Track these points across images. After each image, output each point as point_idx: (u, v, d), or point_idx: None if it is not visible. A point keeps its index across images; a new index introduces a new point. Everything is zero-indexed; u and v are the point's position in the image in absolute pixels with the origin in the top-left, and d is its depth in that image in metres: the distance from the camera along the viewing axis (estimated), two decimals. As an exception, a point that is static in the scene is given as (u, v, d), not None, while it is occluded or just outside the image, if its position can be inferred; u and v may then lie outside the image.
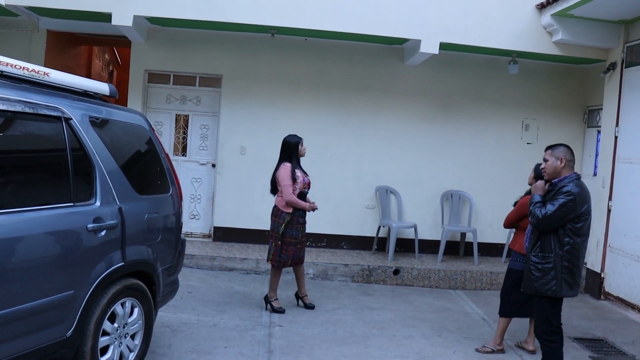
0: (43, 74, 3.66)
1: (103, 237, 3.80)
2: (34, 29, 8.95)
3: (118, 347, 4.03)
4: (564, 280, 4.51)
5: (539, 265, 4.58)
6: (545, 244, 4.57)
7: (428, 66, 8.88)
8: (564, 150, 4.64)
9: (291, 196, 6.15)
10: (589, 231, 4.63)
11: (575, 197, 4.44)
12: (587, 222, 4.57)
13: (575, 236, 4.50)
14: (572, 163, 4.64)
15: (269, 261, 6.36)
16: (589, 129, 9.37)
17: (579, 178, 4.62)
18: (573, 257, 4.52)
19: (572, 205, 4.44)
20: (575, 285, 4.58)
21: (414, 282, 8.14)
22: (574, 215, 4.46)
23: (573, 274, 4.54)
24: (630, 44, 7.74)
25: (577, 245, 4.51)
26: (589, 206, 4.55)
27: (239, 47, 8.94)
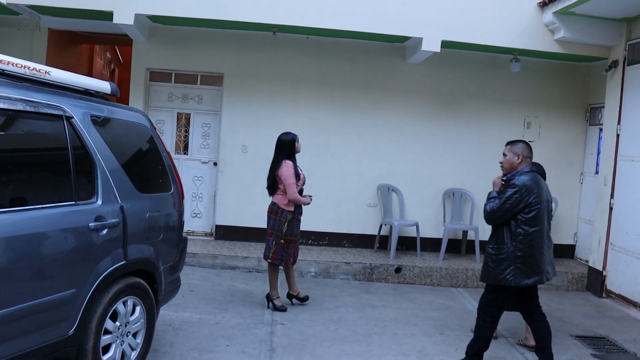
0: (44, 72, 3.66)
1: (105, 235, 3.80)
2: (35, 28, 8.95)
3: (120, 346, 4.04)
4: (518, 270, 4.70)
5: (493, 256, 4.79)
6: (499, 236, 4.78)
7: (430, 64, 8.87)
8: (522, 146, 4.86)
9: (296, 194, 6.15)
10: (542, 220, 4.75)
11: (520, 188, 4.65)
12: (538, 212, 4.71)
13: (526, 226, 4.67)
14: (529, 159, 4.87)
15: (269, 260, 6.32)
16: (591, 126, 9.35)
17: (532, 171, 4.82)
18: (526, 247, 4.68)
19: (518, 196, 4.64)
20: (532, 274, 4.74)
21: (415, 280, 8.14)
22: (523, 205, 4.65)
23: (528, 263, 4.70)
24: (633, 42, 7.72)
25: (530, 234, 4.68)
26: (538, 196, 4.70)
27: (240, 45, 8.93)
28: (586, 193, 9.29)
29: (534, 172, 4.85)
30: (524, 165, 4.83)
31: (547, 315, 6.89)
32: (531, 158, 4.90)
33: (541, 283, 4.89)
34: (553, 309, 7.26)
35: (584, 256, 9.02)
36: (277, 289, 6.44)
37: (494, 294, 4.89)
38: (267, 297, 6.43)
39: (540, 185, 4.79)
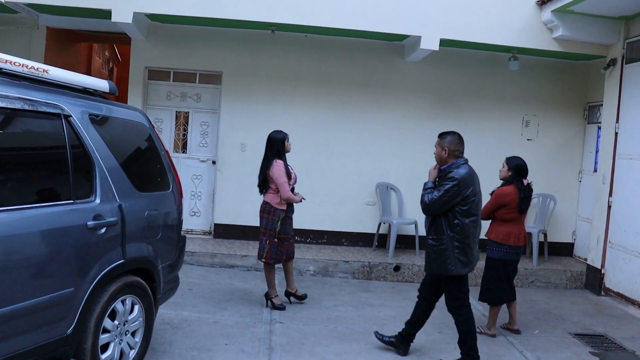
0: (42, 71, 3.65)
1: (103, 234, 3.80)
2: (33, 26, 8.95)
3: (118, 345, 4.04)
4: (457, 260, 4.83)
5: (434, 247, 4.90)
6: (438, 227, 4.88)
7: (428, 63, 8.87)
8: (450, 140, 4.98)
9: (289, 193, 6.16)
10: (478, 211, 4.90)
11: (458, 181, 4.76)
12: (474, 204, 4.84)
13: (463, 217, 4.79)
14: (457, 152, 4.96)
15: (263, 259, 6.31)
16: (590, 125, 9.36)
17: (466, 162, 4.95)
18: (463, 237, 4.81)
19: (457, 189, 4.75)
20: (468, 263, 4.88)
21: (414, 279, 8.13)
22: (460, 198, 4.76)
23: (465, 253, 4.83)
24: (631, 40, 7.73)
25: (467, 226, 4.80)
26: (474, 189, 4.84)
27: (239, 43, 8.93)
28: (585, 191, 9.29)
29: (469, 165, 4.95)
30: (452, 159, 4.92)
31: (546, 312, 6.96)
32: (461, 151, 4.97)
33: (471, 271, 5.00)
34: (552, 306, 7.27)
35: (583, 254, 9.03)
36: (275, 288, 6.44)
37: (454, 287, 4.97)
38: (265, 296, 6.43)
39: (475, 177, 4.92)
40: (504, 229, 5.84)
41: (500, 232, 5.85)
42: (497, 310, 5.99)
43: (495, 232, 5.89)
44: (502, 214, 5.84)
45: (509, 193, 5.81)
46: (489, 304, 6.04)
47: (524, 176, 5.92)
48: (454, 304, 5.02)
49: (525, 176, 5.93)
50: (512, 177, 5.91)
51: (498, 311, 6.00)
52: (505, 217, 5.84)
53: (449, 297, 5.04)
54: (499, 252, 5.87)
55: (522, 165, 5.94)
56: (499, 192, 5.88)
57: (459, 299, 4.99)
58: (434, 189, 4.86)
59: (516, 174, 5.90)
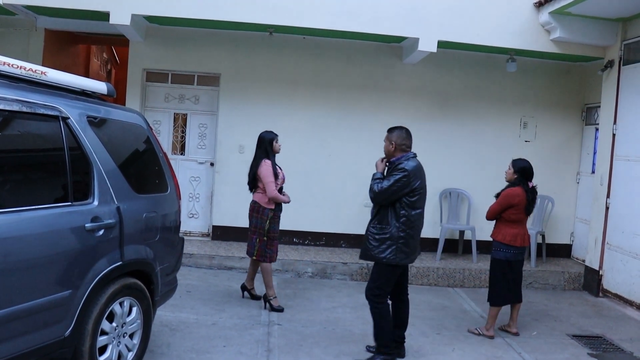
0: (40, 73, 3.65)
1: (101, 236, 3.80)
2: (31, 28, 8.94)
3: (116, 347, 4.03)
4: (400, 250, 4.89)
5: (376, 235, 4.95)
6: (383, 216, 4.94)
7: (426, 64, 8.87)
8: (397, 135, 5.07)
9: (275, 192, 6.21)
10: (424, 205, 5.01)
11: (408, 172, 4.84)
12: (421, 197, 4.95)
13: (410, 209, 4.87)
14: (404, 146, 5.05)
15: (254, 257, 6.39)
16: (587, 126, 9.37)
17: (415, 156, 5.04)
18: (408, 228, 4.88)
19: (406, 180, 4.82)
20: (411, 254, 4.99)
21: (412, 280, 8.12)
22: (409, 189, 4.84)
23: (408, 244, 4.91)
24: (628, 42, 7.74)
25: (412, 217, 4.88)
26: (422, 182, 4.95)
27: (237, 45, 8.93)
28: (582, 193, 9.30)
29: (414, 158, 5.02)
30: (400, 153, 5.01)
31: (544, 314, 6.96)
32: (407, 145, 5.05)
33: (412, 262, 5.12)
34: (550, 308, 7.28)
35: (581, 256, 9.04)
36: (273, 289, 6.46)
37: (383, 276, 4.97)
38: (264, 298, 6.43)
39: (423, 172, 5.01)
40: (512, 231, 5.86)
41: (508, 233, 5.86)
42: (497, 312, 5.99)
43: (502, 234, 5.90)
44: (509, 214, 5.85)
45: (518, 194, 5.83)
46: (490, 304, 6.03)
47: (529, 179, 5.93)
48: (374, 292, 5.00)
49: (531, 179, 5.95)
50: (517, 179, 5.92)
51: (498, 312, 6.00)
52: (513, 218, 5.86)
53: (372, 283, 5.03)
54: (505, 253, 5.89)
55: (527, 168, 5.94)
56: (508, 192, 5.88)
57: (381, 288, 4.98)
58: (384, 179, 4.91)
59: (521, 176, 5.92)
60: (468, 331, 6.11)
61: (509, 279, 5.96)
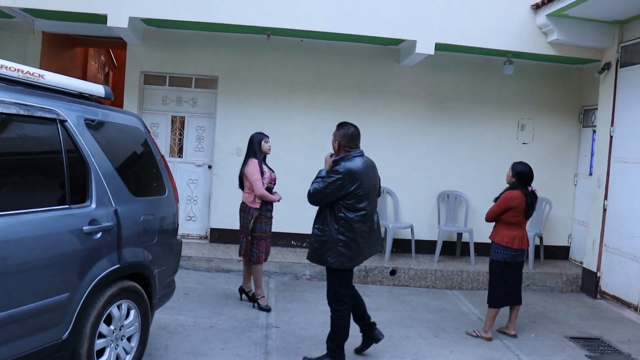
0: (38, 75, 3.65)
1: (99, 239, 3.79)
2: (29, 31, 8.94)
3: (114, 350, 4.03)
4: (340, 253, 4.72)
5: (318, 237, 4.81)
6: (323, 218, 4.79)
7: (424, 67, 8.88)
8: (341, 133, 4.91)
9: (261, 189, 6.24)
10: (367, 206, 4.78)
11: (343, 175, 4.65)
12: (361, 199, 4.73)
13: (348, 212, 4.69)
14: (347, 147, 4.86)
15: (241, 256, 6.48)
16: (585, 128, 9.39)
17: (360, 156, 4.86)
18: (348, 231, 4.70)
19: (341, 182, 4.65)
20: (354, 257, 4.78)
21: (410, 283, 8.14)
22: (344, 192, 4.66)
23: (349, 247, 4.72)
24: (625, 44, 7.76)
25: (352, 220, 4.69)
26: (362, 184, 4.72)
27: (234, 48, 8.94)
28: (580, 195, 9.32)
29: (362, 157, 4.86)
30: (343, 152, 4.85)
31: (542, 316, 6.97)
32: (351, 145, 4.88)
33: (358, 264, 4.97)
34: (548, 310, 7.28)
35: (579, 257, 9.05)
36: (262, 288, 6.50)
37: (335, 280, 4.87)
38: (252, 296, 6.52)
39: (368, 172, 4.83)
40: (510, 232, 5.87)
41: (506, 235, 5.87)
42: (495, 313, 5.99)
43: (500, 235, 5.91)
44: (508, 217, 5.87)
45: (517, 197, 5.84)
46: (490, 305, 6.03)
47: (527, 183, 5.92)
48: (332, 297, 4.90)
49: (529, 183, 5.94)
50: (516, 183, 5.93)
51: (496, 314, 6.00)
52: (511, 221, 5.87)
53: (329, 290, 4.94)
54: (503, 255, 5.90)
55: (525, 172, 5.93)
56: (507, 195, 5.89)
57: (339, 293, 4.87)
58: (322, 180, 4.75)
59: (518, 180, 5.93)
60: (466, 333, 6.12)
61: (508, 281, 5.96)
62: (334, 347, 4.93)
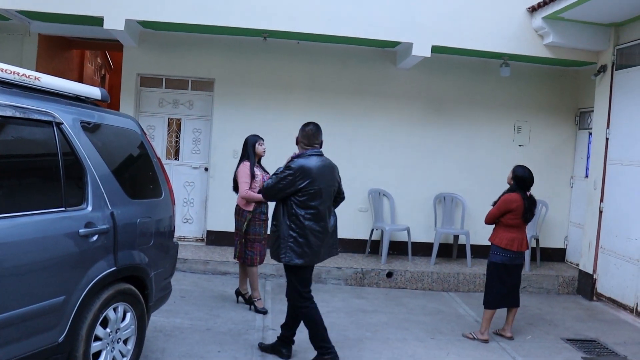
0: (34, 78, 3.64)
1: (95, 242, 3.79)
2: (25, 33, 8.93)
3: (110, 352, 4.01)
4: (290, 249, 4.76)
5: (273, 233, 4.88)
6: (277, 214, 4.87)
7: (420, 69, 8.90)
8: (301, 131, 4.99)
9: (245, 191, 6.27)
10: (319, 204, 4.81)
11: (294, 171, 4.73)
12: (313, 196, 4.77)
13: (299, 208, 4.75)
14: (303, 144, 4.96)
15: (236, 259, 6.51)
16: (581, 131, 9.41)
17: (317, 155, 4.91)
18: (299, 228, 4.75)
19: (291, 179, 4.72)
20: (304, 255, 4.78)
21: (407, 285, 8.15)
22: (295, 189, 4.74)
23: (300, 244, 4.76)
24: (621, 47, 7.79)
25: (302, 217, 4.75)
26: (314, 182, 4.76)
27: (231, 50, 8.94)
28: (576, 197, 9.34)
29: (319, 157, 4.90)
30: (301, 150, 4.94)
31: (539, 318, 6.98)
32: (312, 141, 4.93)
33: (313, 264, 4.92)
34: (544, 312, 7.29)
35: (575, 260, 9.07)
36: (258, 290, 6.49)
37: (291, 277, 4.91)
38: (248, 299, 6.51)
39: (323, 171, 4.85)
40: (508, 235, 5.88)
41: (505, 237, 5.89)
42: (491, 315, 6.00)
43: (499, 238, 5.92)
44: (507, 219, 5.88)
45: (515, 200, 5.85)
46: (485, 307, 6.04)
47: (525, 188, 5.93)
48: (292, 295, 4.97)
49: (528, 189, 5.95)
50: (514, 185, 5.95)
51: (492, 316, 6.01)
52: (510, 223, 5.88)
53: (288, 287, 4.99)
54: (502, 257, 5.91)
55: (524, 177, 5.93)
56: (507, 198, 5.90)
57: (298, 290, 4.92)
58: (277, 175, 4.83)
59: (516, 184, 5.94)
60: (463, 335, 6.12)
61: (506, 283, 5.97)
62: (319, 343, 4.94)
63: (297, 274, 4.91)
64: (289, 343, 5.21)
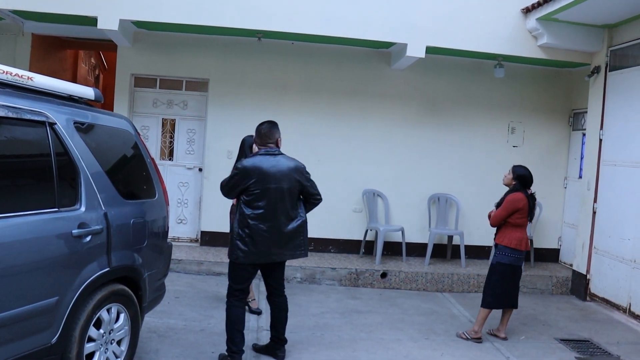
0: (27, 78, 3.63)
1: (88, 242, 3.77)
2: (18, 33, 8.89)
3: (104, 354, 4.00)
4: (236, 247, 4.79)
5: (230, 232, 4.93)
6: (234, 211, 4.96)
7: (415, 70, 8.90)
8: (256, 131, 5.04)
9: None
10: (267, 204, 4.76)
11: (240, 170, 4.80)
12: (257, 198, 4.76)
13: (246, 207, 4.78)
14: (259, 145, 4.99)
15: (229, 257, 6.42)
16: (574, 131, 9.44)
17: (270, 154, 4.88)
18: (245, 227, 4.76)
19: (238, 178, 4.80)
20: (250, 255, 4.76)
21: (401, 285, 8.15)
22: (241, 187, 4.79)
23: (246, 243, 4.75)
24: (614, 48, 7.81)
25: (248, 216, 4.75)
26: (258, 182, 4.75)
27: (225, 51, 8.93)
28: (570, 197, 9.36)
29: (272, 156, 4.88)
30: (257, 148, 4.99)
31: (533, 318, 6.98)
32: (264, 140, 4.96)
33: (257, 263, 4.87)
34: (538, 312, 7.31)
35: (568, 260, 9.09)
36: (252, 291, 6.48)
37: (230, 273, 4.95)
38: None
39: (271, 170, 4.79)
40: (517, 235, 5.87)
41: (514, 237, 5.86)
42: (486, 314, 5.99)
43: (509, 238, 5.88)
44: (515, 219, 5.85)
45: (521, 198, 5.84)
46: (486, 306, 5.99)
47: (527, 186, 5.95)
48: (229, 288, 4.96)
49: (529, 186, 5.96)
50: (517, 185, 5.94)
51: (487, 315, 6.00)
52: (518, 222, 5.86)
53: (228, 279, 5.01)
54: (510, 258, 5.89)
55: (527, 176, 5.95)
56: (513, 197, 5.87)
57: (231, 287, 4.92)
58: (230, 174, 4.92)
59: (519, 183, 5.94)
60: (457, 335, 6.13)
61: (510, 284, 5.97)
62: (227, 342, 4.91)
63: (233, 269, 4.91)
64: (281, 343, 5.20)
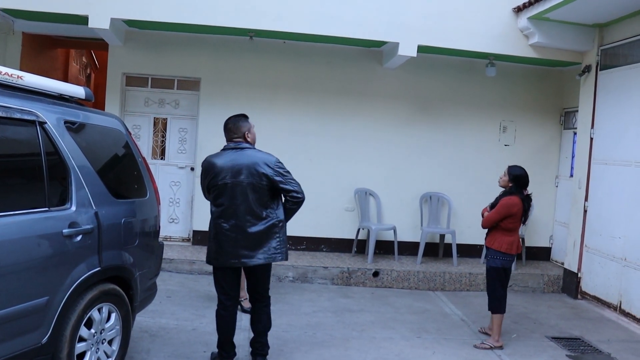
0: (17, 77, 3.61)
1: (79, 242, 3.76)
2: (9, 32, 8.85)
3: (95, 353, 3.99)
4: (210, 248, 4.74)
5: None
6: None
7: (406, 69, 8.91)
8: (224, 126, 5.01)
9: None
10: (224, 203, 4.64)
11: (202, 168, 4.80)
12: (218, 194, 4.67)
13: (212, 205, 4.76)
14: (226, 141, 4.95)
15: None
16: (566, 130, 9.48)
17: (229, 149, 4.83)
18: (211, 226, 4.73)
19: (202, 175, 4.81)
20: (219, 256, 4.65)
21: (393, 284, 8.16)
22: (206, 184, 4.77)
23: (212, 242, 4.69)
24: (605, 47, 7.85)
25: (213, 213, 4.71)
26: (215, 177, 4.66)
27: (217, 50, 8.91)
28: (561, 196, 9.40)
29: (233, 150, 4.80)
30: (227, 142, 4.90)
31: (524, 316, 7.01)
32: (228, 135, 4.94)
33: (233, 266, 4.70)
34: (529, 310, 7.33)
35: (560, 258, 9.13)
36: (245, 290, 6.46)
37: (215, 274, 4.84)
38: None
39: (230, 165, 4.66)
40: (508, 239, 5.80)
41: (504, 242, 5.77)
42: (501, 319, 5.88)
43: (499, 242, 5.79)
44: (507, 223, 5.76)
45: (516, 203, 5.74)
46: (497, 312, 5.88)
47: (524, 187, 5.88)
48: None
49: (526, 187, 5.89)
50: (513, 187, 5.85)
51: (502, 320, 5.90)
52: (509, 227, 5.78)
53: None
54: (502, 261, 5.81)
55: (522, 176, 5.85)
56: (508, 202, 5.76)
57: (216, 290, 4.88)
58: None
59: (516, 185, 5.84)
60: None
61: (504, 286, 5.93)
62: (217, 345, 4.86)
63: (214, 273, 4.84)
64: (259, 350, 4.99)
